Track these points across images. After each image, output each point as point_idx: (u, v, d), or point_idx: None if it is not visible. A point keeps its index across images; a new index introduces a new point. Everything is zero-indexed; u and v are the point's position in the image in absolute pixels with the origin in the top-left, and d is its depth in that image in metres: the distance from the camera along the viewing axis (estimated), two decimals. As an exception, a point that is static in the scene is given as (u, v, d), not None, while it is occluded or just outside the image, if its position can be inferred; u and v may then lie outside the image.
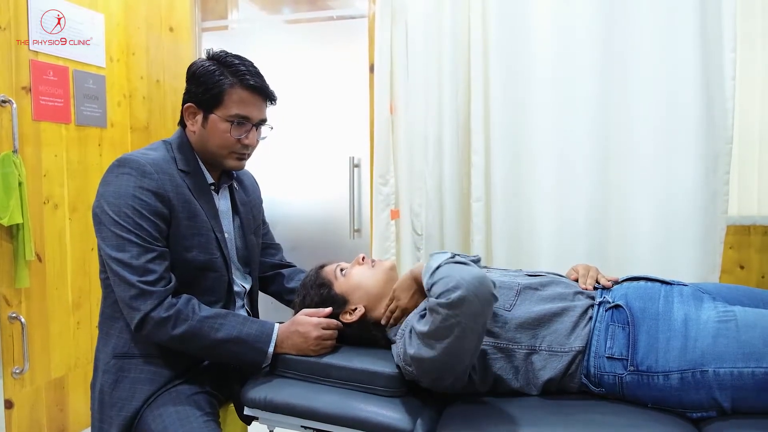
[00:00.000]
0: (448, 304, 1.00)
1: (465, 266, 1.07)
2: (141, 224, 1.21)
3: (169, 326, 1.21)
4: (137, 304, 1.20)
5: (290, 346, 1.29)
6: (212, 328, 1.24)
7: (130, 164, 1.25)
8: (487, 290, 1.02)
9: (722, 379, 1.06)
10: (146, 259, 1.21)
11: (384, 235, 2.18)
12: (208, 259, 1.33)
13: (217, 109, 1.31)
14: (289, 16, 2.90)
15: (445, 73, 2.04)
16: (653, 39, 1.83)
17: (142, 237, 1.21)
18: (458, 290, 1.00)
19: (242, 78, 1.31)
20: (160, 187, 1.25)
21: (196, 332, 1.22)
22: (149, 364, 1.29)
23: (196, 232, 1.30)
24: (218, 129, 1.32)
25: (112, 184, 1.24)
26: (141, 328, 1.21)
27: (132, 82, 2.67)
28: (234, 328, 1.25)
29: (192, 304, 1.25)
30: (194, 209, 1.30)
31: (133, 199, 1.22)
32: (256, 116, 1.35)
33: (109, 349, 1.30)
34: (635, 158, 1.87)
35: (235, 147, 1.34)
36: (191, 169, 1.34)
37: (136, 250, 1.20)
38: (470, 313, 1.01)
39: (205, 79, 1.31)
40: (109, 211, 1.22)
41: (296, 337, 1.28)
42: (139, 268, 1.20)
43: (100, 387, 1.29)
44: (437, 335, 1.04)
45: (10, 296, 2.10)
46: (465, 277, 1.01)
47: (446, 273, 1.05)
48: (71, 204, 2.35)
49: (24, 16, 2.13)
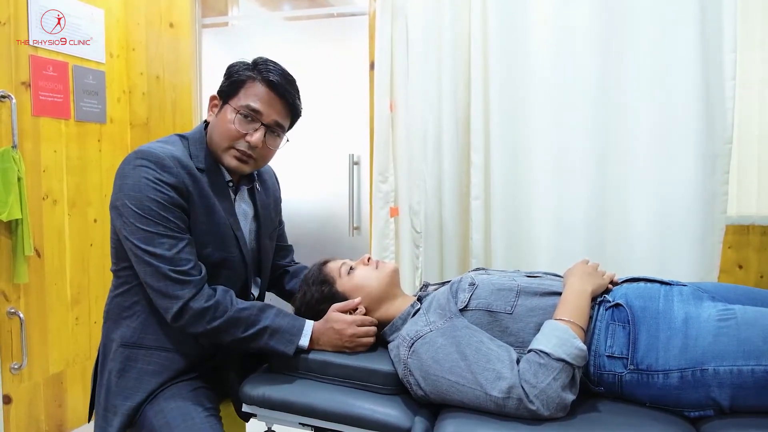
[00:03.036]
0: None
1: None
2: (166, 216, 1.20)
3: (208, 317, 1.21)
4: (176, 292, 1.19)
5: (326, 342, 1.30)
6: (249, 320, 1.24)
7: (149, 157, 1.21)
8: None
9: (722, 377, 1.06)
10: (178, 249, 1.20)
11: (383, 233, 2.18)
12: (225, 257, 1.31)
13: (233, 98, 1.29)
14: (289, 13, 2.89)
15: (445, 71, 2.04)
16: (653, 39, 1.83)
17: (169, 228, 1.20)
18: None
19: (265, 74, 1.28)
20: (180, 182, 1.22)
21: (234, 323, 1.23)
22: (157, 356, 1.29)
23: (212, 228, 1.29)
24: (226, 118, 1.28)
25: (130, 177, 1.20)
26: (179, 318, 1.20)
27: (132, 78, 2.66)
28: (269, 319, 1.26)
29: (230, 295, 1.26)
30: (212, 206, 1.28)
31: (153, 192, 1.19)
32: (268, 115, 1.29)
33: (117, 336, 1.29)
34: (634, 158, 1.87)
35: (237, 142, 1.28)
36: (207, 165, 1.30)
37: (166, 241, 1.19)
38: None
39: (233, 71, 1.31)
40: (130, 204, 1.19)
41: (332, 334, 1.29)
42: (172, 259, 1.19)
43: (108, 375, 1.29)
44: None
45: (9, 292, 2.10)
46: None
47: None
48: (70, 200, 2.35)
49: (24, 12, 2.12)
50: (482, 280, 1.30)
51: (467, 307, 1.23)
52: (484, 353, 1.12)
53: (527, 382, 1.06)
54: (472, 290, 1.26)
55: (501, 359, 1.11)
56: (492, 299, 1.24)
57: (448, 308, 1.24)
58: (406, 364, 1.18)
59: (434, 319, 1.22)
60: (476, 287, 1.27)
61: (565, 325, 1.12)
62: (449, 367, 1.13)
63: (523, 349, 1.16)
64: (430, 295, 1.35)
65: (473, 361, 1.12)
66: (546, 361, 1.07)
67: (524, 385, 1.06)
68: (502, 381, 1.08)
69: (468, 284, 1.29)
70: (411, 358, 1.18)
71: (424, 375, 1.15)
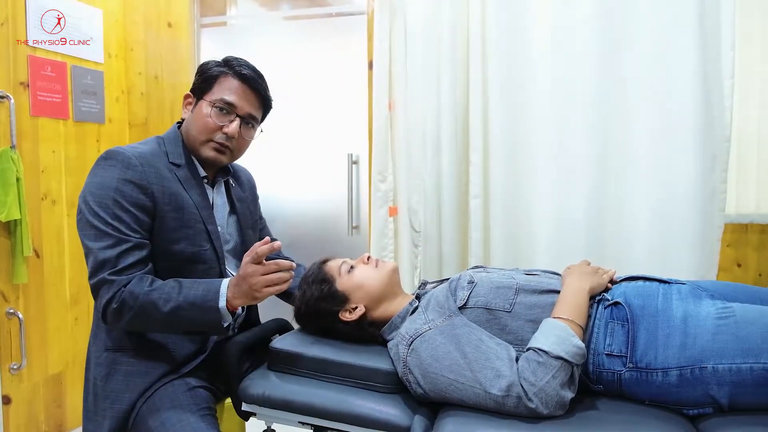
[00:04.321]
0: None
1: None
2: (120, 216, 1.21)
3: (124, 312, 1.18)
4: (102, 294, 1.20)
5: (240, 295, 1.21)
6: (161, 299, 1.19)
7: (116, 156, 1.25)
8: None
9: (721, 375, 1.06)
10: (119, 250, 1.20)
11: (382, 232, 2.18)
12: (197, 251, 1.32)
13: (207, 93, 1.34)
14: (287, 13, 2.89)
15: (444, 70, 2.04)
16: (652, 37, 1.83)
17: (118, 228, 1.21)
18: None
19: (236, 69, 1.34)
20: (144, 179, 1.24)
21: (147, 308, 1.18)
22: (141, 357, 1.29)
23: (182, 224, 1.30)
24: (202, 113, 1.34)
25: (97, 176, 1.25)
26: (104, 319, 1.22)
27: (130, 78, 2.66)
28: (180, 294, 1.20)
29: (144, 281, 1.21)
30: (182, 201, 1.30)
31: (115, 191, 1.22)
32: (243, 107, 1.35)
33: (100, 342, 1.31)
34: (633, 156, 1.87)
35: (215, 135, 1.33)
36: (182, 162, 1.35)
37: (110, 240, 1.20)
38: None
39: (205, 68, 1.37)
40: (90, 201, 1.22)
41: (243, 285, 1.20)
42: (108, 259, 1.19)
43: (93, 380, 1.30)
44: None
45: (8, 292, 2.10)
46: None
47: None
48: (69, 200, 2.34)
49: (22, 12, 2.12)
50: (481, 278, 1.30)
51: (466, 305, 1.23)
52: (483, 351, 1.13)
53: (526, 380, 1.06)
54: (471, 288, 1.27)
55: (500, 357, 1.11)
56: (491, 297, 1.24)
57: (447, 306, 1.24)
58: (406, 362, 1.18)
59: (433, 317, 1.22)
60: (475, 285, 1.27)
61: (563, 324, 1.13)
62: (448, 365, 1.13)
63: (521, 346, 1.16)
64: (429, 293, 1.35)
65: (472, 359, 1.12)
66: (545, 360, 1.07)
67: (523, 383, 1.06)
68: (502, 379, 1.08)
69: (467, 282, 1.29)
70: (410, 356, 1.18)
71: (423, 373, 1.15)
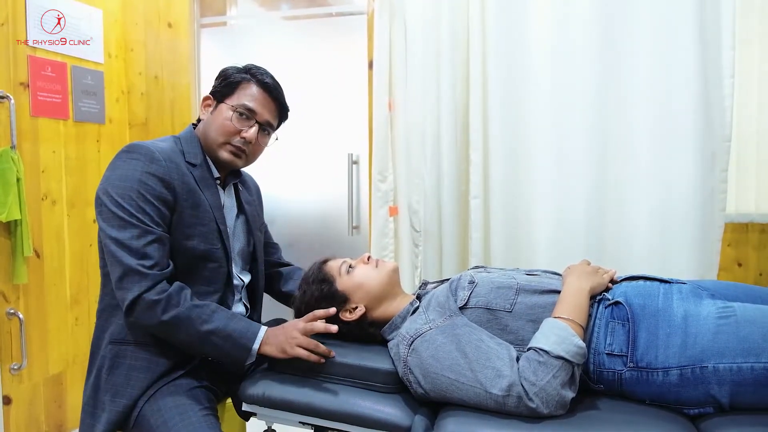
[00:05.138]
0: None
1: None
2: (144, 208, 1.23)
3: (159, 310, 1.20)
4: (130, 284, 1.20)
5: (273, 343, 1.25)
6: (200, 318, 1.22)
7: (140, 150, 1.27)
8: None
9: (721, 374, 1.06)
10: (145, 241, 1.21)
11: (382, 232, 2.18)
12: (209, 249, 1.34)
13: (228, 98, 1.38)
14: (287, 13, 2.89)
15: (444, 70, 2.04)
16: (652, 37, 1.83)
17: (142, 220, 1.22)
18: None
19: (258, 77, 1.39)
20: (167, 174, 1.27)
21: (185, 320, 1.21)
22: (144, 351, 1.29)
23: (198, 221, 1.32)
24: (222, 116, 1.37)
25: (120, 169, 1.26)
26: (131, 310, 1.21)
27: (130, 78, 2.66)
28: (221, 321, 1.24)
29: (184, 292, 1.24)
30: (198, 199, 1.32)
31: (139, 183, 1.23)
32: (262, 114, 1.39)
33: (106, 335, 1.31)
34: (633, 156, 1.87)
35: (233, 138, 1.37)
36: (198, 162, 1.37)
37: (136, 231, 1.21)
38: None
39: (227, 74, 1.41)
40: (113, 193, 1.23)
41: (281, 335, 1.26)
42: (137, 249, 1.20)
43: (96, 372, 1.30)
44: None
45: (8, 292, 2.10)
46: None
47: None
48: (69, 200, 2.34)
49: (22, 12, 2.12)
50: (482, 278, 1.31)
51: (467, 305, 1.23)
52: (484, 351, 1.13)
53: (527, 379, 1.07)
54: (471, 288, 1.27)
55: (501, 357, 1.11)
56: (491, 297, 1.24)
57: (447, 306, 1.24)
58: (406, 362, 1.18)
59: (434, 317, 1.22)
60: (476, 285, 1.27)
61: (564, 323, 1.13)
62: (449, 365, 1.13)
63: (522, 346, 1.16)
64: (429, 293, 1.35)
65: (473, 359, 1.12)
66: (545, 359, 1.07)
67: (524, 382, 1.06)
68: (502, 379, 1.08)
69: (467, 282, 1.29)
70: (411, 356, 1.18)
71: (424, 373, 1.16)
